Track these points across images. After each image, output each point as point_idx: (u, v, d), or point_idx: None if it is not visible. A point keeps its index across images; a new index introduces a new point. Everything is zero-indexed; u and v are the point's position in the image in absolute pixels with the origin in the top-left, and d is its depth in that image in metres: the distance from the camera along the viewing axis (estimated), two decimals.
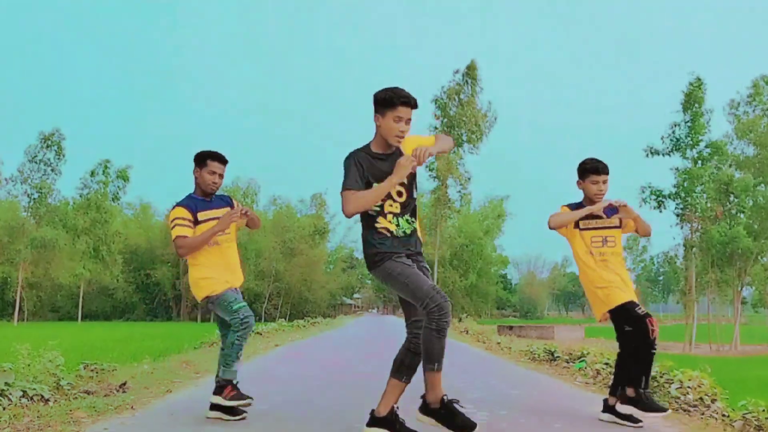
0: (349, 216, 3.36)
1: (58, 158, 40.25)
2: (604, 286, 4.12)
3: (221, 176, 4.24)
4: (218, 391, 4.02)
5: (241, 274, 4.35)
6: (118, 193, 44.99)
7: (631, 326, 3.99)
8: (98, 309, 52.73)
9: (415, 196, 3.56)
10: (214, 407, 4.01)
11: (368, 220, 3.45)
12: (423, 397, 3.32)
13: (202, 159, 4.20)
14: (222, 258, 4.17)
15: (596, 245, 4.23)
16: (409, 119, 3.39)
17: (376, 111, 3.40)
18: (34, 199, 40.12)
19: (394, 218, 3.45)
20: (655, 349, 3.93)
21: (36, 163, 39.92)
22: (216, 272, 4.12)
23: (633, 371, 4.00)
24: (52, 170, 40.24)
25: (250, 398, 4.01)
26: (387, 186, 3.35)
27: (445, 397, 3.24)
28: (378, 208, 3.42)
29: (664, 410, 3.94)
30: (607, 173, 4.27)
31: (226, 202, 4.38)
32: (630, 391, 3.97)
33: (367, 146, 3.48)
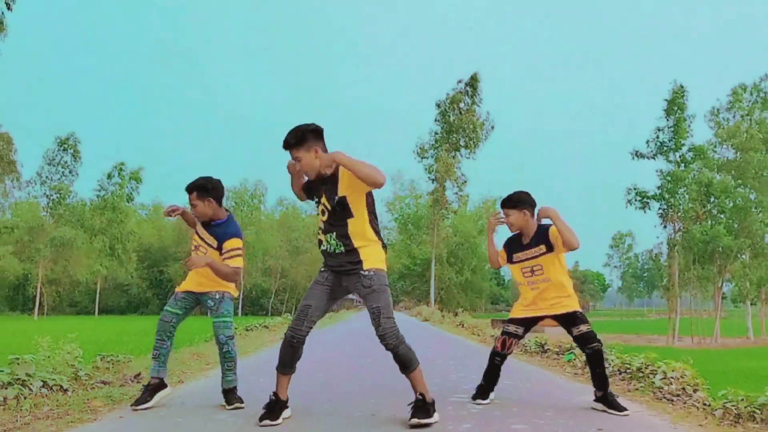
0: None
1: (75, 161, 40.28)
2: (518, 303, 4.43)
3: (194, 205, 4.09)
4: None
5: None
6: (132, 194, 45.01)
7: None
8: (114, 304, 52.75)
9: (343, 218, 3.49)
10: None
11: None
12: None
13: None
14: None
15: (526, 275, 4.32)
16: (296, 157, 3.51)
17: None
18: (53, 200, 40.17)
19: (322, 234, 3.63)
20: (498, 360, 4.37)
21: (54, 165, 39.96)
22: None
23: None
24: (70, 172, 40.30)
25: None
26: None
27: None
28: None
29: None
30: (505, 207, 4.31)
31: (218, 237, 4.07)
32: (600, 393, 4.15)
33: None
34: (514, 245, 4.40)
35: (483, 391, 4.38)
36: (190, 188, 4.07)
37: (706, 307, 36.74)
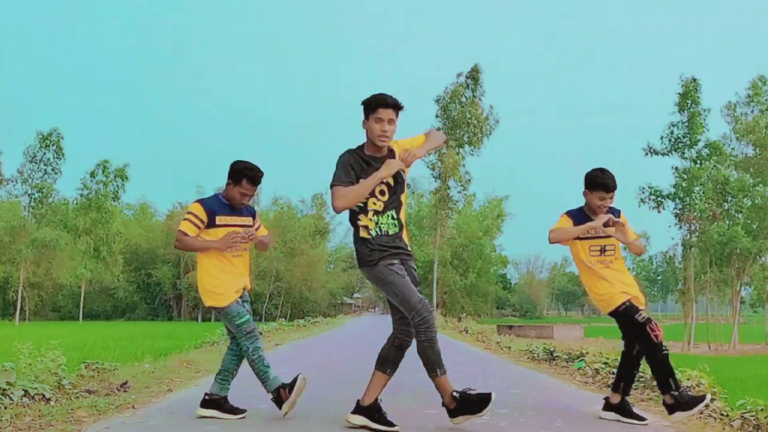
0: (338, 211, 3.54)
1: (58, 158, 40.20)
2: (603, 292, 4.15)
3: (251, 197, 4.19)
4: (214, 404, 4.06)
5: (248, 278, 4.32)
6: (117, 192, 44.95)
7: (637, 332, 4.01)
8: (99, 308, 52.74)
9: (401, 197, 3.67)
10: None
11: (352, 216, 3.63)
12: (444, 405, 3.65)
13: (238, 177, 4.09)
14: (232, 266, 4.14)
15: (594, 254, 4.23)
16: (391, 119, 3.56)
17: (364, 117, 3.63)
18: (35, 199, 40.10)
19: (375, 216, 3.60)
20: (665, 351, 3.93)
21: (36, 163, 39.87)
22: (224, 283, 4.08)
23: (655, 377, 4.06)
24: (53, 170, 40.20)
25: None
26: (372, 182, 3.51)
27: (454, 393, 3.58)
28: (361, 205, 3.58)
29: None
30: (615, 190, 4.19)
31: (250, 212, 4.29)
32: (617, 399, 4.11)
33: (360, 148, 3.66)
34: (582, 221, 4.22)
35: (683, 403, 3.89)
36: (258, 181, 4.14)
37: (724, 312, 36.77)
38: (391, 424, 3.58)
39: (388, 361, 3.65)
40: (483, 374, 7.30)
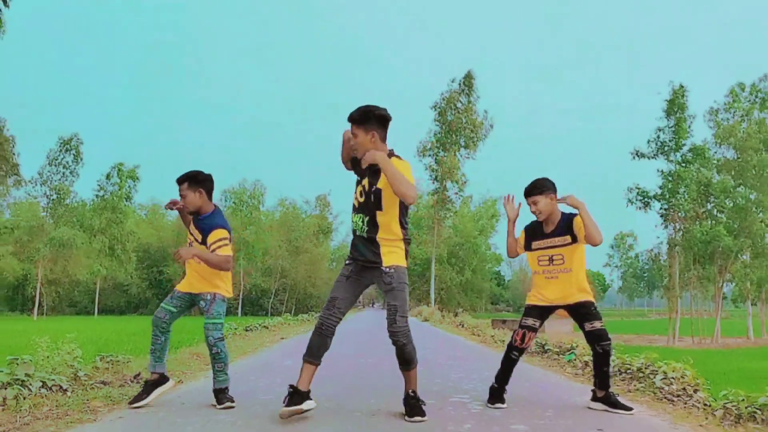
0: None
1: (76, 161, 40.21)
2: (532, 292, 4.34)
3: (184, 196, 4.17)
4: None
5: (205, 283, 4.23)
6: (130, 193, 44.97)
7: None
8: (113, 304, 52.74)
9: (376, 207, 3.60)
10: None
11: None
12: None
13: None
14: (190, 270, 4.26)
15: (543, 263, 4.23)
16: (354, 133, 3.61)
17: None
18: (53, 200, 40.10)
19: (354, 213, 3.73)
20: (515, 355, 4.22)
21: (55, 165, 39.88)
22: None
23: (499, 371, 4.30)
24: (71, 173, 40.20)
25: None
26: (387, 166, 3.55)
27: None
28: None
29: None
30: (531, 195, 4.18)
31: (203, 230, 4.14)
32: (601, 393, 4.15)
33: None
34: (535, 232, 4.28)
35: (498, 393, 4.24)
36: (182, 179, 4.18)
37: (707, 308, 36.74)
38: None
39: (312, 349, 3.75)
40: (478, 366, 7.30)
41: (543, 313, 4.24)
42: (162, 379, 4.18)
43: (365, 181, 3.66)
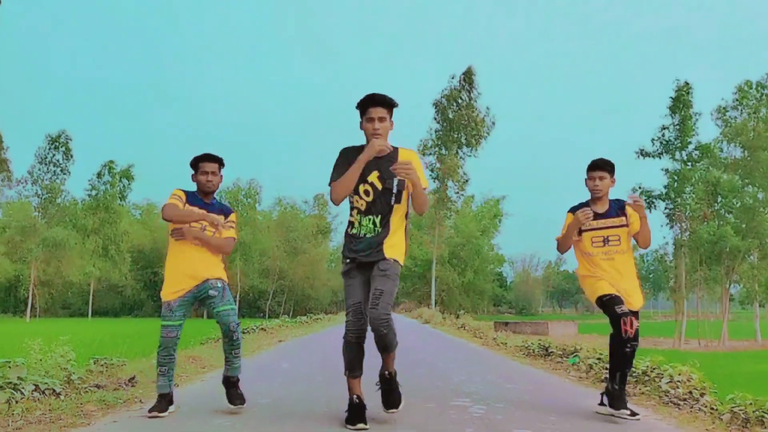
0: (336, 203, 3.61)
1: (66, 159, 40.24)
2: (590, 275, 4.15)
3: (214, 174, 4.16)
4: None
5: (216, 268, 4.18)
6: (124, 192, 44.99)
7: (611, 323, 3.95)
8: (108, 306, 52.76)
9: (390, 202, 3.58)
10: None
11: (350, 210, 3.69)
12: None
13: (195, 164, 4.18)
14: (184, 255, 4.09)
15: (597, 245, 4.16)
16: (382, 117, 3.55)
17: (360, 119, 3.63)
18: (44, 199, 40.12)
19: (358, 214, 3.61)
20: (629, 348, 3.85)
21: (45, 164, 39.93)
22: (170, 276, 4.08)
23: (610, 365, 4.03)
24: (62, 171, 40.26)
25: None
26: (356, 165, 3.49)
27: (355, 398, 3.62)
28: (351, 201, 3.63)
29: (631, 413, 3.90)
30: (603, 170, 4.16)
31: (224, 211, 4.23)
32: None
33: (362, 146, 3.62)
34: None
35: (622, 397, 3.94)
36: (218, 159, 4.19)
37: (713, 310, 36.76)
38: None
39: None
40: (480, 369, 7.30)
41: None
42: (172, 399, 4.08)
43: (373, 177, 3.55)
